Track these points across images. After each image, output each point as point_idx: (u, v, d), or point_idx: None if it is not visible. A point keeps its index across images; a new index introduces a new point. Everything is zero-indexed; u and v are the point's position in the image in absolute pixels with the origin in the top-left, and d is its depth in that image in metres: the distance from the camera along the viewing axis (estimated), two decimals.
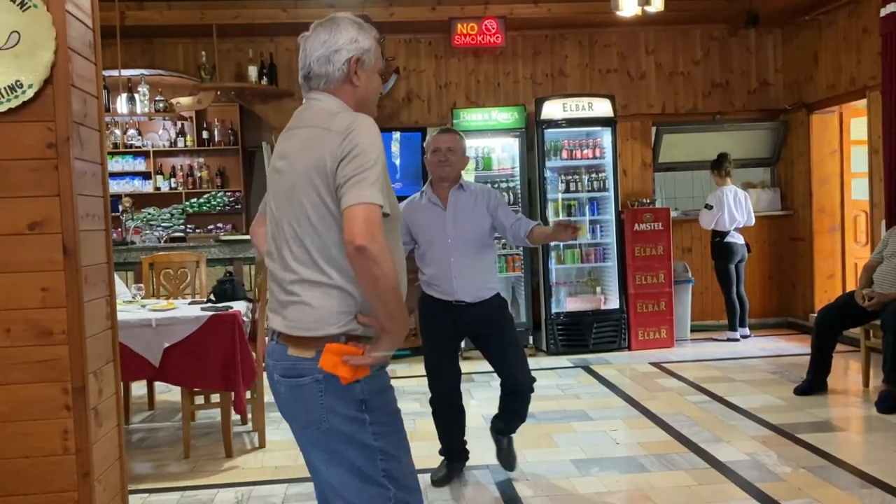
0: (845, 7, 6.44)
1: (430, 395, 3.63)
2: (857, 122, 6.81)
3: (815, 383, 4.99)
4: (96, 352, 2.50)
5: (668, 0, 5.51)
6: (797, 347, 6.42)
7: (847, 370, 5.60)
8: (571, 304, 6.65)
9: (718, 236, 6.73)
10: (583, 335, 6.57)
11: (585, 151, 6.64)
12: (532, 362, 6.26)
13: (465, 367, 3.89)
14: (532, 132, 6.65)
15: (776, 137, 7.50)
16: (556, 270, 6.71)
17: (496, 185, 6.69)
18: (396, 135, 6.80)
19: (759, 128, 7.51)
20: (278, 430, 4.45)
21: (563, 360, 6.36)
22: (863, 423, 4.46)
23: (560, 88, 7.22)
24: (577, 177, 6.64)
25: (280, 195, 1.87)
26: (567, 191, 6.65)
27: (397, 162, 6.75)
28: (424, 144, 3.73)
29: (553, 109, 6.58)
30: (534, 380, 3.58)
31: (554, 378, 5.79)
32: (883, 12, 5.58)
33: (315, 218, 1.78)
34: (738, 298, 6.81)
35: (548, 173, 6.61)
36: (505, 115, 6.68)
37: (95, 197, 2.59)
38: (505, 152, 6.80)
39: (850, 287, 6.72)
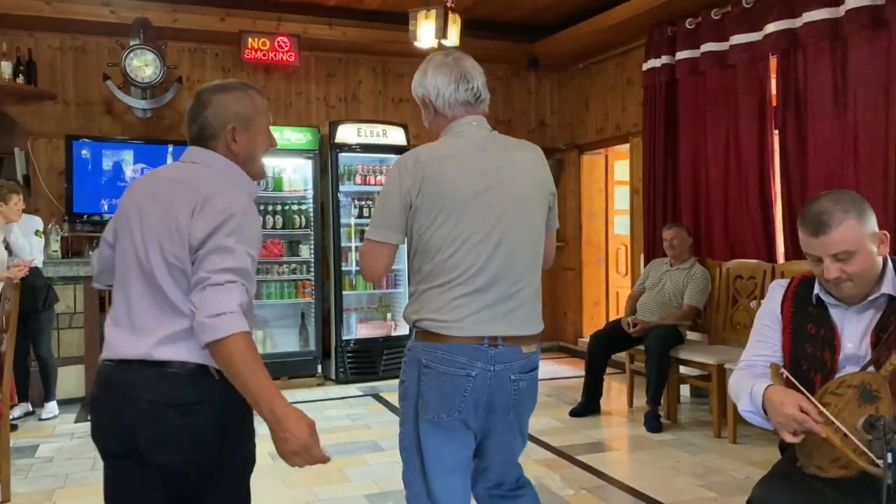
0: (614, 59, 7.11)
1: None
2: (621, 164, 7.51)
3: (588, 405, 5.35)
4: None
5: (464, 37, 5.69)
6: (570, 370, 6.88)
7: (612, 391, 6.08)
8: (362, 331, 6.57)
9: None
10: (373, 362, 6.52)
11: (379, 177, 6.63)
12: (321, 392, 6.16)
13: None
14: (326, 155, 6.51)
15: (553, 174, 8.03)
16: (348, 296, 6.60)
17: (288, 207, 6.49)
18: (170, 148, 6.25)
19: None
20: (26, 481, 3.84)
21: (353, 389, 6.25)
22: (630, 442, 4.83)
23: (353, 113, 7.18)
24: (370, 202, 6.60)
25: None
26: (360, 216, 6.58)
27: None
28: None
29: (348, 133, 6.51)
30: None
31: (344, 408, 5.65)
32: (645, 66, 6.22)
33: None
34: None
35: (341, 197, 6.51)
36: (298, 136, 6.48)
37: None
38: (297, 174, 6.59)
39: (613, 313, 7.37)
